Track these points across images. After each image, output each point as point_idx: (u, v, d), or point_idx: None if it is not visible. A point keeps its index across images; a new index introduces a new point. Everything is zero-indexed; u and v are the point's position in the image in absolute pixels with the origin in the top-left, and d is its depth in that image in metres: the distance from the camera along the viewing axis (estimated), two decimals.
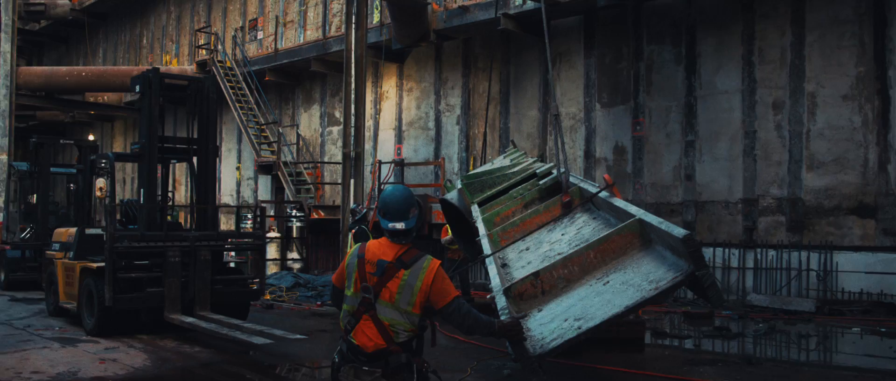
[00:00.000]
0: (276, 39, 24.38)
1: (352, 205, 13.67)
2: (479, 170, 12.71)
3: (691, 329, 11.87)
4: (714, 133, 15.39)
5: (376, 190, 19.58)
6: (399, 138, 21.48)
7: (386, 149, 21.62)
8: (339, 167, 22.25)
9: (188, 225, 13.44)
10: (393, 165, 20.26)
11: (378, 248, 4.11)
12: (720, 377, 8.19)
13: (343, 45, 20.24)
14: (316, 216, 20.22)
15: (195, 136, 11.33)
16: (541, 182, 9.39)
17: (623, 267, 5.71)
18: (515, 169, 11.23)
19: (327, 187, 22.86)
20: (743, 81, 15.04)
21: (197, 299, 10.60)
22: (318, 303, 14.59)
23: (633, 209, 6.21)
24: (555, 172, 9.81)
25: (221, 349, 9.97)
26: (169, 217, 12.33)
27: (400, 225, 4.07)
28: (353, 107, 14.46)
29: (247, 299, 11.60)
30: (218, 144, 11.60)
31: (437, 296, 4.02)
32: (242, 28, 26.26)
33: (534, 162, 11.45)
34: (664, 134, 16.14)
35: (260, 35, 25.53)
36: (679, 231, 5.02)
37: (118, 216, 11.59)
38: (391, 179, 20.14)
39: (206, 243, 10.76)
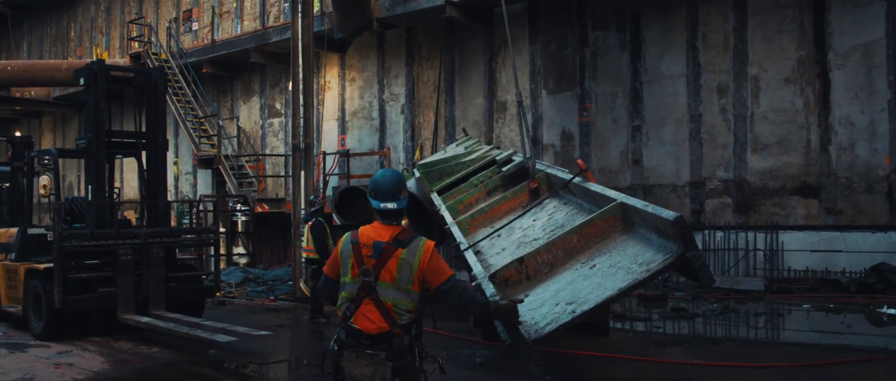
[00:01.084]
0: (212, 30, 23.82)
1: (311, 196, 13.43)
2: (432, 158, 12.64)
3: (648, 311, 12.01)
4: (660, 118, 15.60)
5: (322, 181, 19.31)
6: (342, 129, 21.24)
7: (329, 139, 21.35)
8: (282, 160, 21.99)
9: (138, 222, 13.03)
10: (337, 156, 20.02)
11: (372, 231, 4.11)
12: (689, 357, 8.30)
13: (283, 35, 19.97)
14: (260, 210, 19.86)
15: (143, 129, 10.96)
16: (504, 169, 9.37)
17: (607, 251, 5.71)
18: (473, 157, 11.19)
19: (269, 180, 22.51)
20: (687, 66, 15.27)
21: (151, 297, 10.27)
22: (271, 298, 14.34)
23: (612, 194, 6.22)
24: (515, 158, 9.81)
25: (180, 349, 9.69)
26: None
27: (391, 205, 4.09)
28: (301, 97, 14.19)
29: (202, 296, 11.32)
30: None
31: (432, 275, 4.04)
32: (176, 19, 25.58)
33: (491, 149, 11.42)
34: (611, 119, 16.29)
35: (195, 26, 24.91)
36: (668, 214, 5.03)
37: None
38: (336, 171, 19.91)
39: (159, 240, 10.44)
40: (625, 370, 7.97)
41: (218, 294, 13.03)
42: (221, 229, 18.89)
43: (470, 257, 6.77)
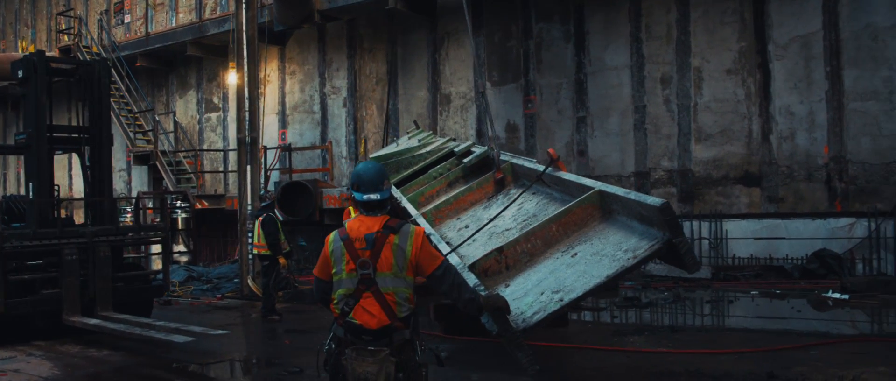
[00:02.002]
0: (146, 23, 23.13)
1: (261, 191, 13.14)
2: (386, 151, 12.50)
3: (596, 302, 12.03)
4: (605, 109, 15.73)
5: (263, 176, 18.95)
6: (283, 123, 20.89)
7: (270, 134, 20.89)
8: (220, 155, 21.52)
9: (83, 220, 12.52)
10: (278, 150, 19.69)
11: (360, 224, 4.08)
12: (652, 346, 8.37)
13: (221, 27, 19.55)
14: (200, 207, 19.41)
15: (85, 124, 10.54)
16: (465, 160, 9.30)
17: (588, 239, 5.68)
18: (429, 149, 11.10)
19: (208, 176, 22.00)
20: (631, 57, 15.43)
21: (98, 298, 9.88)
22: (219, 296, 14.00)
23: (588, 182, 6.20)
24: (474, 150, 9.76)
25: (131, 351, 9.36)
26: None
27: (375, 195, 4.08)
28: (246, 90, 13.87)
29: (150, 296, 10.97)
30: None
31: (426, 260, 4.03)
32: (108, 11, 24.77)
33: (447, 141, 11.34)
34: (556, 111, 16.37)
35: (127, 18, 24.16)
36: (654, 200, 5.01)
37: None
38: (277, 166, 19.59)
39: (105, 239, 10.06)
40: (591, 360, 7.98)
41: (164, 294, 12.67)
42: None
43: (442, 248, 6.66)
